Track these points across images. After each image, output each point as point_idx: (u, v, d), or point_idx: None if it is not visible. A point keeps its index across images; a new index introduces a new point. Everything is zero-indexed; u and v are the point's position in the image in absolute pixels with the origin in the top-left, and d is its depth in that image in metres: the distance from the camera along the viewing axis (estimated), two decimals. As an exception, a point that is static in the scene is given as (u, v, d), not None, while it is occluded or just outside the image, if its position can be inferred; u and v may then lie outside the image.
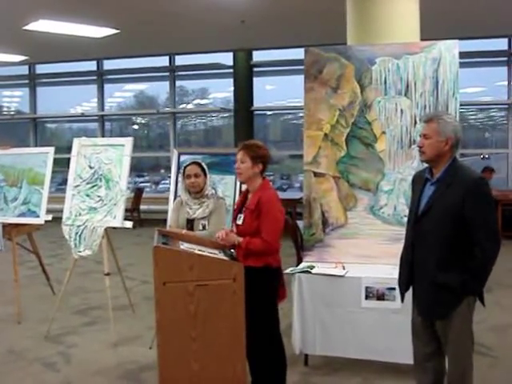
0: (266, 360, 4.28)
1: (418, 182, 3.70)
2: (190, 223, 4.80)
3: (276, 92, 16.40)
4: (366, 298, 4.75)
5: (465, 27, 10.95)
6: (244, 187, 4.62)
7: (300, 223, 6.21)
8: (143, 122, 18.52)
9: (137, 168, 17.39)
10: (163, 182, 17.25)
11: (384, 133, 5.25)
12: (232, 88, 15.53)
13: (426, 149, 3.52)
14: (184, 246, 4.19)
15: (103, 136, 16.37)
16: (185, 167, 4.86)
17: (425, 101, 5.14)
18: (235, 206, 4.66)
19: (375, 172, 5.27)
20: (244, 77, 15.33)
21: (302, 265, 5.18)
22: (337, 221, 5.33)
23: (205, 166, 4.84)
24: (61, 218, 6.16)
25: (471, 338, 3.55)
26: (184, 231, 4.69)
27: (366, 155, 5.29)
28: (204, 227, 4.75)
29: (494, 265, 3.41)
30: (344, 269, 4.99)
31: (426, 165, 3.68)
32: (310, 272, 4.94)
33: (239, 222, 4.30)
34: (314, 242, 5.37)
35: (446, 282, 3.41)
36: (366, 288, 4.74)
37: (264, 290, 4.14)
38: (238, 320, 3.89)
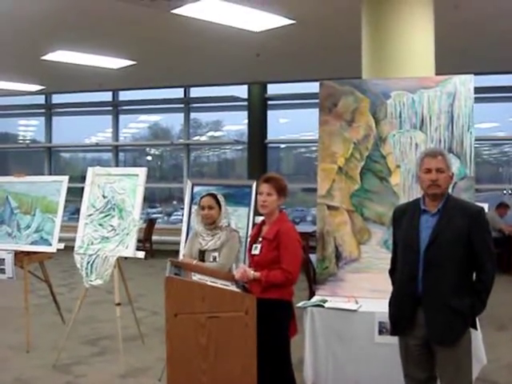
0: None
1: (406, 215, 3.82)
2: (202, 254, 4.80)
3: (289, 125, 16.46)
4: (380, 332, 4.67)
5: (478, 62, 10.96)
6: (257, 219, 4.62)
7: (312, 257, 6.17)
8: (157, 153, 18.62)
9: (150, 199, 17.42)
10: (175, 213, 17.26)
11: (398, 167, 5.23)
12: (246, 121, 15.62)
13: (442, 182, 3.65)
14: (196, 277, 4.17)
15: (117, 166, 16.44)
16: (200, 198, 4.89)
17: (440, 135, 5.12)
18: (249, 238, 4.66)
19: (389, 206, 5.22)
20: (258, 110, 15.42)
21: (315, 299, 5.13)
22: (350, 254, 5.29)
23: (220, 198, 4.86)
24: (73, 247, 6.16)
25: (471, 363, 3.66)
26: (195, 262, 4.69)
27: (380, 189, 5.27)
28: (215, 259, 4.74)
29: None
30: (357, 303, 4.93)
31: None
32: (322, 306, 4.89)
33: (255, 251, 4.29)
34: (327, 276, 5.31)
35: (460, 306, 3.53)
36: (380, 323, 4.67)
37: (278, 322, 4.09)
38: (249, 353, 3.85)
